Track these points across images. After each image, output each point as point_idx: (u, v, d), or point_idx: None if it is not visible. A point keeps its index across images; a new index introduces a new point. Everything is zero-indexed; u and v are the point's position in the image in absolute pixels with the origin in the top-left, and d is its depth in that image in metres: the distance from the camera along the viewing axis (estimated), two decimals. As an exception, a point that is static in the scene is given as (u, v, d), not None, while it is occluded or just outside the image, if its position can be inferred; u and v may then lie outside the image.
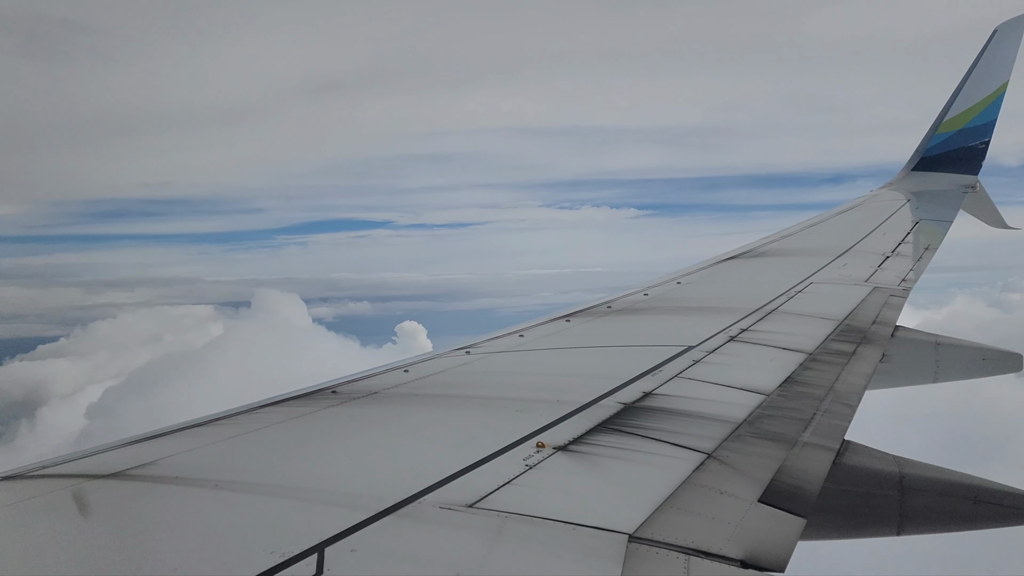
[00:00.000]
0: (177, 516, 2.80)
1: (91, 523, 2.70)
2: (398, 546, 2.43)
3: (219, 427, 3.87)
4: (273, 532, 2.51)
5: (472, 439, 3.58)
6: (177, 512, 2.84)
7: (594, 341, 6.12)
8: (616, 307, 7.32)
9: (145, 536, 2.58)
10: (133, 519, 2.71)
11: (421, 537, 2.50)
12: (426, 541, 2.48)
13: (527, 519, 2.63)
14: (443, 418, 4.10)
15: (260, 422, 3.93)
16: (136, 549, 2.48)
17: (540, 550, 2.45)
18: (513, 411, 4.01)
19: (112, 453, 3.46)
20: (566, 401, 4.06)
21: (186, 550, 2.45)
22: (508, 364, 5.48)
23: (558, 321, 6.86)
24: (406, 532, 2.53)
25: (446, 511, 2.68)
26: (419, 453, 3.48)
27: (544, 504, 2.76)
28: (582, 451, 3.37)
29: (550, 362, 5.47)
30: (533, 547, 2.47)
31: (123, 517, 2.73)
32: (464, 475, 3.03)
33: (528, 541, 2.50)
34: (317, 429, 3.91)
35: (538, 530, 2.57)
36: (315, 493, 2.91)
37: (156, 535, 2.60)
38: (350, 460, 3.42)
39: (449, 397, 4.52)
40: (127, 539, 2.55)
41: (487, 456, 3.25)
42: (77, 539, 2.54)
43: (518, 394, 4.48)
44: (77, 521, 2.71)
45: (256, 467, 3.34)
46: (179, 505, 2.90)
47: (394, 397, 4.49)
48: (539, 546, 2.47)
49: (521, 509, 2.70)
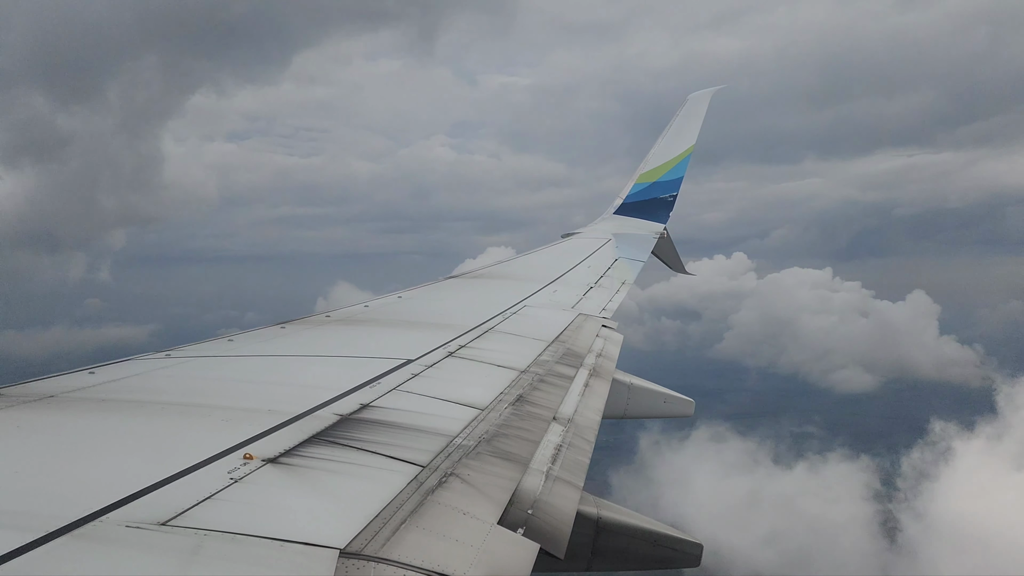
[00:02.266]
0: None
1: None
2: (74, 569, 2.10)
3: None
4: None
5: (169, 450, 3.23)
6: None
7: (311, 350, 5.89)
8: (335, 317, 7.14)
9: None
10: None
11: (102, 559, 2.19)
12: (108, 563, 2.17)
13: (229, 536, 2.42)
14: (134, 426, 3.65)
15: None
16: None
17: (243, 569, 2.25)
18: (219, 420, 3.70)
19: None
20: (278, 411, 3.83)
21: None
22: (215, 370, 5.07)
23: (273, 328, 6.52)
24: (84, 554, 2.19)
25: (134, 530, 2.37)
26: (103, 465, 3.05)
27: (250, 520, 2.56)
28: (294, 463, 3.19)
29: (262, 370, 5.15)
30: (235, 566, 2.26)
31: None
32: (157, 490, 2.72)
33: (229, 560, 2.29)
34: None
35: (241, 548, 2.37)
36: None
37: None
38: (16, 473, 2.91)
39: (143, 403, 4.06)
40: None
41: (186, 469, 2.95)
42: None
43: (225, 402, 4.15)
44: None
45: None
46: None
47: (75, 402, 3.93)
48: (242, 565, 2.27)
49: (223, 526, 2.47)
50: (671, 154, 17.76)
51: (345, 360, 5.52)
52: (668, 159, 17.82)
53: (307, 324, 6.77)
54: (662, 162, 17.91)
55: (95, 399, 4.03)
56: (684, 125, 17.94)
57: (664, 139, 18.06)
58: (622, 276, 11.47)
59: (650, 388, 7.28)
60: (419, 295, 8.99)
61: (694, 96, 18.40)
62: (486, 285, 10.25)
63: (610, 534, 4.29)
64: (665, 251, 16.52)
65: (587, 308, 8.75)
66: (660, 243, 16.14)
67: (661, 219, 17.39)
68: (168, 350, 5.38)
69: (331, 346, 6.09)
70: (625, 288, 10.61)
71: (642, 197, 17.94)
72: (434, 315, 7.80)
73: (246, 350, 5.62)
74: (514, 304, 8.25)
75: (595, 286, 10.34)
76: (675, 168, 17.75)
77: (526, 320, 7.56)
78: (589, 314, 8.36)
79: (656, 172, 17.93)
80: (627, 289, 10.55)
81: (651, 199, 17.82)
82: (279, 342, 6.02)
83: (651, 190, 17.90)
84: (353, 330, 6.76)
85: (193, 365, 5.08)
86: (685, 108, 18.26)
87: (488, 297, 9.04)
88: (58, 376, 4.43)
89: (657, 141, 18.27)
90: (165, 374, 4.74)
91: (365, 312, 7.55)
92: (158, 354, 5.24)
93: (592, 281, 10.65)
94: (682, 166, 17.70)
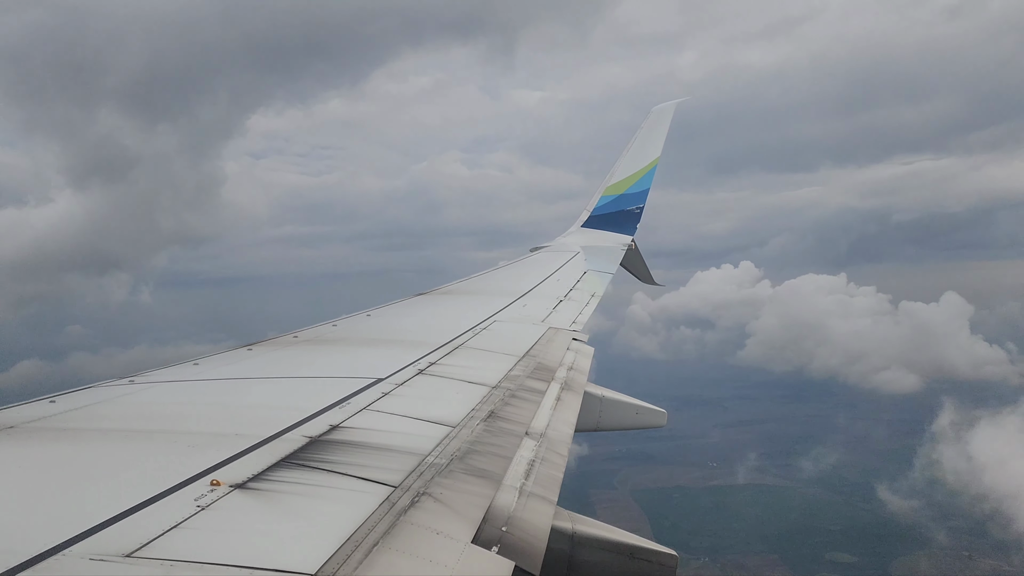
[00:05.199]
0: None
1: None
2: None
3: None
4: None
5: (133, 478, 3.15)
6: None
7: (279, 371, 5.81)
8: (303, 337, 7.06)
9: None
10: None
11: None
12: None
13: (197, 566, 2.36)
14: (97, 455, 3.57)
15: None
16: None
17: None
18: (185, 446, 3.62)
19: None
20: (246, 435, 3.77)
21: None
22: (180, 395, 4.98)
23: (239, 350, 6.43)
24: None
25: (98, 562, 2.31)
26: (65, 497, 2.97)
27: (218, 548, 2.50)
28: (262, 488, 3.13)
29: (229, 393, 5.06)
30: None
31: None
32: (122, 520, 2.65)
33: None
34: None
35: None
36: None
37: None
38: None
39: (106, 431, 3.97)
40: None
41: (151, 498, 2.88)
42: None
43: (190, 427, 4.07)
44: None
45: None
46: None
47: (36, 432, 3.83)
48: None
49: (191, 555, 2.42)
50: (637, 166, 17.92)
51: (314, 380, 5.46)
52: (634, 171, 17.98)
53: (274, 345, 6.69)
54: (628, 174, 18.07)
55: (56, 428, 3.94)
56: (649, 138, 18.12)
57: (630, 152, 18.22)
58: (591, 288, 11.51)
59: (622, 400, 7.30)
60: (389, 312, 8.93)
61: (658, 108, 18.60)
62: (456, 301, 10.22)
63: (586, 548, 4.28)
64: (633, 262, 16.63)
65: (557, 321, 8.75)
66: (628, 254, 16.25)
67: (629, 231, 17.52)
68: (132, 376, 5.28)
69: (299, 366, 6.02)
70: (595, 300, 10.64)
71: (609, 210, 18.07)
72: (404, 332, 7.75)
73: (212, 373, 5.53)
74: (484, 319, 8.23)
75: (565, 299, 10.36)
76: (641, 180, 17.92)
77: (496, 335, 7.54)
78: (559, 327, 8.37)
79: (622, 184, 18.07)
80: (596, 301, 10.58)
81: (618, 211, 17.95)
82: (246, 364, 5.94)
83: (618, 202, 18.04)
84: (322, 350, 6.69)
85: (158, 390, 4.99)
86: (649, 120, 18.44)
87: (458, 313, 9.02)
88: (19, 406, 4.32)
89: (622, 154, 18.43)
90: (129, 400, 4.65)
91: (334, 331, 7.48)
92: (121, 380, 5.14)
93: (561, 294, 10.67)
94: (648, 178, 17.87)
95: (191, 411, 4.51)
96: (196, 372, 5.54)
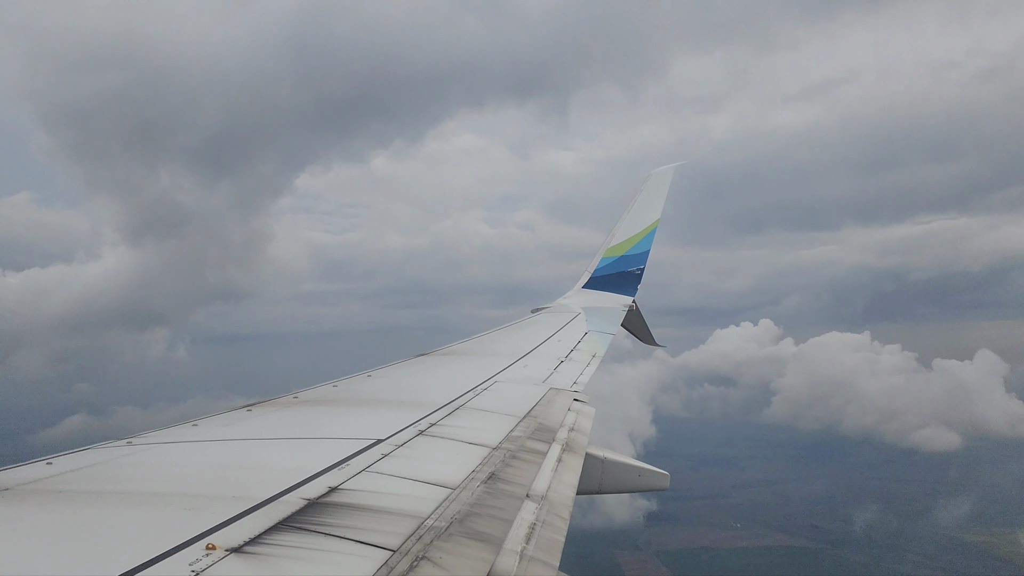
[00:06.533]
0: None
1: None
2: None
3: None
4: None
5: (128, 542, 3.10)
6: None
7: (278, 432, 5.76)
8: (303, 398, 7.02)
9: None
10: None
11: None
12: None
13: None
14: (92, 518, 3.51)
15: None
16: None
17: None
18: (181, 509, 3.57)
19: None
20: (244, 497, 3.71)
21: None
22: (177, 456, 4.93)
23: (238, 411, 6.38)
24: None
25: None
26: (59, 560, 2.92)
27: (212, 614, 2.44)
28: (259, 552, 3.08)
29: (227, 454, 5.01)
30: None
31: None
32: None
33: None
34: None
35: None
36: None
37: None
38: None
39: (102, 493, 3.91)
40: None
41: (146, 562, 2.83)
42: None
43: (188, 489, 4.01)
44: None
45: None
46: None
47: (30, 494, 3.78)
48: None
49: (184, 622, 2.36)
50: (637, 228, 18.10)
51: (313, 442, 5.40)
52: (634, 233, 18.14)
53: (274, 405, 6.65)
54: (629, 236, 18.22)
55: (52, 490, 3.89)
56: (649, 200, 18.35)
57: (630, 214, 18.42)
58: (592, 349, 11.48)
59: (624, 462, 7.21)
60: (389, 373, 8.90)
61: (657, 172, 18.89)
62: (456, 361, 10.19)
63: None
64: (634, 323, 16.64)
65: (558, 382, 8.71)
66: (629, 315, 16.27)
67: (629, 292, 17.58)
68: (129, 437, 5.23)
69: (299, 427, 5.97)
70: (596, 361, 10.61)
71: (610, 271, 18.18)
72: (404, 393, 7.70)
73: (211, 434, 5.48)
74: (485, 380, 8.19)
75: (566, 360, 10.33)
76: (642, 242, 18.07)
77: (497, 396, 7.50)
78: (560, 388, 8.33)
79: (623, 246, 18.22)
80: (598, 362, 10.55)
81: (619, 272, 18.05)
82: (245, 425, 5.89)
83: (619, 264, 18.15)
84: (322, 410, 6.64)
85: (155, 452, 4.94)
86: (649, 183, 18.70)
87: (458, 373, 8.98)
88: (14, 468, 4.27)
89: (622, 216, 18.62)
90: (126, 462, 4.60)
91: (334, 392, 7.44)
92: (119, 442, 5.10)
93: (563, 355, 10.64)
94: (648, 239, 18.03)
95: (188, 473, 4.46)
96: (195, 433, 5.50)
